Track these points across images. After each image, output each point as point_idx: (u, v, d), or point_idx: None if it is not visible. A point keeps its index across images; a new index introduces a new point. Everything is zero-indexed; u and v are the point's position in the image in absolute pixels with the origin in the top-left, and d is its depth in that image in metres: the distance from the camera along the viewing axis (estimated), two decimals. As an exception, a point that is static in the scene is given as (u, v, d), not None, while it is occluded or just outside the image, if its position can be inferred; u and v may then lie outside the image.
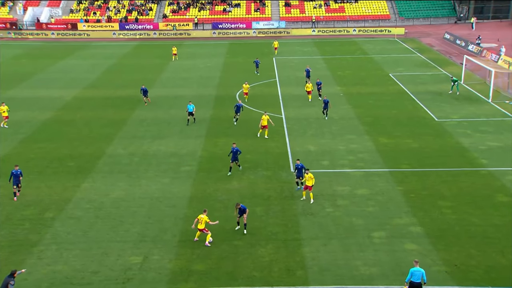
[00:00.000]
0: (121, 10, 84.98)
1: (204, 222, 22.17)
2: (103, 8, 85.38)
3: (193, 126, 37.28)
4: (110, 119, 38.69)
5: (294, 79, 50.74)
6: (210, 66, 57.80)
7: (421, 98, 43.08)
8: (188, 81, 50.99)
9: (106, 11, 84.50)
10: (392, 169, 29.45)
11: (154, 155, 32.08)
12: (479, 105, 41.04)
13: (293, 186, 27.47)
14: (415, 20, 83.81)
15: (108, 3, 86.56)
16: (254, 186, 27.57)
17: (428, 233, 22.71)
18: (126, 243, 22.40)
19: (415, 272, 18.41)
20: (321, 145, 33.33)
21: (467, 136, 34.36)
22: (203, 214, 22.41)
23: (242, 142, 33.89)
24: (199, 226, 22.26)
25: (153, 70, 55.83)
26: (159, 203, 25.92)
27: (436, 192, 26.55)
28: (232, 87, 47.80)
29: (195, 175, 29.06)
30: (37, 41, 76.39)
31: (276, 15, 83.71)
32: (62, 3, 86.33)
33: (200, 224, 22.22)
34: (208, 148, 32.82)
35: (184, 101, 43.76)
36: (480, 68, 49.03)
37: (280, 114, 39.76)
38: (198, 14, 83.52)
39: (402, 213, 24.52)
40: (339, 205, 25.41)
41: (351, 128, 36.31)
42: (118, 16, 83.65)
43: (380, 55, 61.50)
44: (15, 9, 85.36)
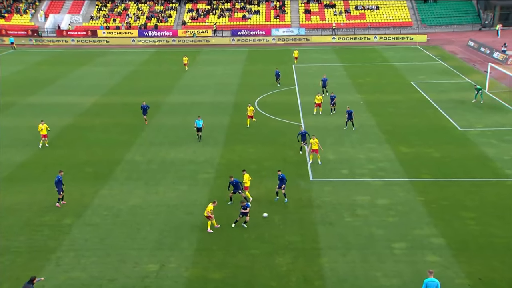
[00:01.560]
0: (141, 17, 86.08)
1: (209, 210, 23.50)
2: (123, 15, 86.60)
3: (211, 133, 37.47)
4: (129, 125, 39.14)
5: (313, 86, 50.69)
6: (229, 73, 58.08)
7: (443, 107, 42.70)
8: (206, 87, 51.30)
9: (125, 18, 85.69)
10: (413, 178, 29.21)
11: (171, 162, 32.31)
12: (504, 114, 40.51)
13: (311, 195, 27.41)
14: (438, 27, 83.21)
15: (127, 10, 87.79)
16: (272, 194, 27.57)
17: (450, 244, 22.45)
18: (143, 250, 22.58)
19: (429, 283, 18.21)
20: (340, 153, 33.23)
21: (491, 145, 33.93)
22: (212, 204, 23.81)
23: (260, 149, 33.98)
24: (205, 213, 23.85)
25: (171, 76, 56.35)
26: (176, 210, 26.09)
27: (458, 202, 26.25)
28: (251, 94, 47.96)
29: (213, 183, 29.18)
30: (57, 48, 77.75)
31: (296, 22, 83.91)
32: (83, 10, 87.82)
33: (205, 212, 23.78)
34: (226, 155, 32.94)
35: (202, 108, 44.10)
36: (505, 76, 48.45)
37: (299, 122, 39.75)
38: (217, 21, 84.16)
39: (423, 223, 24.29)
40: (358, 214, 25.28)
41: (371, 137, 36.13)
42: (137, 23, 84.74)
43: (401, 63, 61.16)
44: (36, 16, 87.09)
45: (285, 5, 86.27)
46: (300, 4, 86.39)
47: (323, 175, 29.96)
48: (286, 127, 38.62)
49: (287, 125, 39.10)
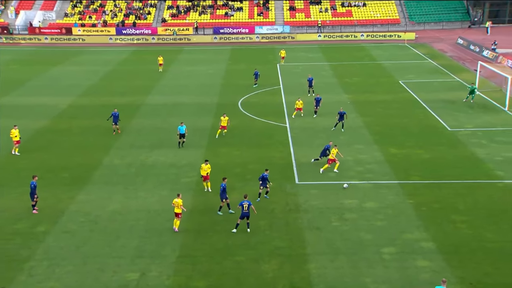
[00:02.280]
0: (118, 14, 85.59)
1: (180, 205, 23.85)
2: (99, 12, 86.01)
3: (194, 135, 37.37)
4: (107, 127, 38.86)
5: (299, 86, 50.85)
6: (212, 72, 58.02)
7: (433, 107, 43.14)
8: (188, 88, 51.18)
9: (102, 15, 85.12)
10: (403, 181, 29.44)
11: (152, 166, 32.15)
12: (494, 114, 41.05)
13: (298, 199, 27.48)
14: (426, 24, 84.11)
15: (104, 6, 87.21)
16: (256, 198, 27.53)
17: (441, 249, 22.66)
18: (123, 258, 22.41)
19: None
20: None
21: (482, 146, 34.35)
22: (178, 198, 24.06)
23: (245, 152, 33.98)
24: (175, 210, 23.94)
25: (151, 76, 56.10)
26: (158, 216, 25.95)
27: (449, 205, 26.51)
28: (234, 95, 47.95)
29: (195, 187, 29.10)
30: (29, 46, 76.93)
31: (280, 20, 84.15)
32: (56, 7, 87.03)
33: (177, 208, 23.91)
34: (210, 158, 32.83)
35: (184, 109, 43.97)
36: (495, 75, 49.10)
37: (285, 123, 39.84)
38: (199, 19, 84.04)
39: (413, 227, 24.49)
40: (346, 219, 25.40)
41: (359, 138, 36.35)
42: (115, 20, 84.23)
43: (390, 61, 61.68)
44: (6, 12, 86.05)
45: (269, 2, 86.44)
46: (285, 1, 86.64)
47: (310, 178, 30.06)
48: (271, 128, 38.69)
49: (272, 126, 39.17)
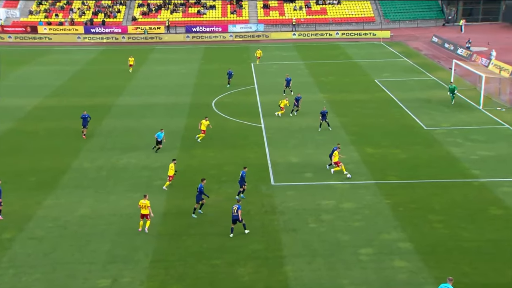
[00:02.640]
0: (86, 12, 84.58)
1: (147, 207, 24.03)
2: (66, 10, 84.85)
3: (167, 137, 37.10)
4: (76, 129, 38.34)
5: (274, 86, 51.01)
6: (184, 72, 57.78)
7: (409, 106, 43.72)
8: (160, 88, 50.86)
9: (69, 13, 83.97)
10: (380, 181, 29.75)
11: (124, 169, 31.85)
12: (469, 113, 41.81)
13: (274, 200, 27.54)
14: (401, 22, 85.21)
15: (71, 4, 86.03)
16: (232, 200, 27.50)
17: (418, 249, 22.95)
18: (94, 264, 22.14)
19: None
20: (304, 156, 33.52)
21: (458, 145, 34.95)
22: (144, 199, 24.24)
23: (219, 153, 33.92)
24: (142, 211, 24.15)
25: (122, 76, 55.57)
26: (130, 220, 25.71)
27: (426, 205, 26.89)
28: (208, 95, 47.84)
29: (169, 190, 28.93)
30: (-6, 45, 75.44)
31: (254, 18, 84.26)
32: (20, 4, 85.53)
33: (144, 209, 24.10)
34: (184, 160, 32.72)
35: (157, 110, 43.69)
36: (470, 73, 50.01)
37: (260, 124, 39.90)
38: (170, 17, 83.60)
39: (391, 228, 24.76)
40: (323, 220, 25.55)
41: (336, 138, 36.60)
42: (83, 18, 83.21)
43: (365, 60, 62.31)
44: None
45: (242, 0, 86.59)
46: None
47: (286, 179, 30.16)
48: (246, 129, 38.71)
49: (247, 127, 39.19)
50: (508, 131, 37.50)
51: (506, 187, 28.65)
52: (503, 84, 45.86)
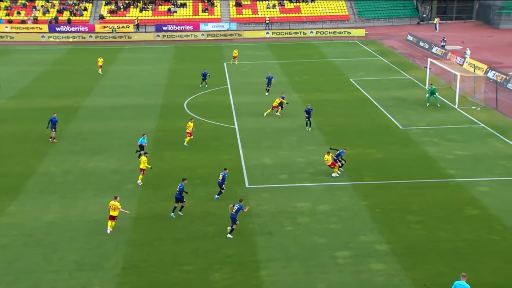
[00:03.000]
0: (51, 10, 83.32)
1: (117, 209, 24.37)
2: (29, 8, 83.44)
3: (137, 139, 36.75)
4: (41, 133, 37.72)
5: (247, 86, 51.02)
6: (155, 72, 57.40)
7: (385, 105, 44.19)
8: (129, 89, 50.42)
9: (32, 11, 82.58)
10: (356, 182, 29.99)
11: (92, 173, 31.47)
12: (445, 112, 42.46)
13: (248, 203, 27.52)
14: (376, 20, 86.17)
15: (34, 1, 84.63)
16: (205, 204, 27.44)
17: (395, 251, 23.19)
18: (61, 273, 21.80)
19: (458, 285, 18.69)
20: (278, 157, 33.59)
21: (434, 144, 35.45)
22: (115, 200, 24.51)
23: (192, 155, 33.77)
24: (111, 213, 24.37)
25: (89, 77, 54.91)
26: (99, 226, 25.40)
27: (403, 206, 27.19)
28: (179, 95, 47.59)
29: (140, 194, 28.67)
30: (-47, 45, 73.81)
31: (226, 16, 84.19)
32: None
33: (113, 211, 24.36)
34: (154, 163, 32.48)
35: (126, 111, 43.31)
36: (445, 72, 50.80)
37: (233, 125, 39.85)
38: (140, 15, 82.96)
39: (367, 230, 24.97)
40: (299, 223, 25.63)
41: (311, 139, 36.78)
42: (47, 16, 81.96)
43: (340, 59, 62.80)
44: None
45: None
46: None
47: (260, 181, 30.18)
48: (219, 130, 38.64)
49: (220, 128, 39.11)
50: (483, 130, 38.21)
51: (482, 187, 29.18)
52: (477, 83, 46.68)
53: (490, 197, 27.91)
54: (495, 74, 50.56)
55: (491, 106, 43.28)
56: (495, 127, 38.41)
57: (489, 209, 26.62)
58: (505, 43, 69.77)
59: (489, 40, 72.14)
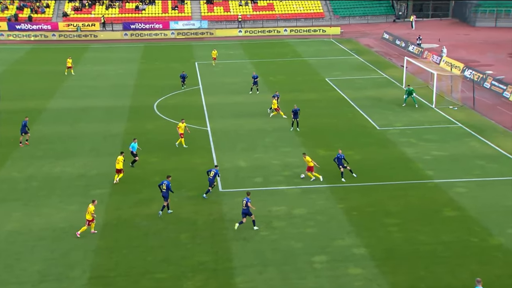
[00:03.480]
0: (10, 7, 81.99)
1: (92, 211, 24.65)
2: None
3: (105, 142, 36.49)
4: (2, 136, 37.05)
5: (220, 86, 50.99)
6: (123, 72, 56.97)
7: (361, 105, 44.61)
8: (96, 90, 49.96)
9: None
10: (333, 184, 30.19)
11: (57, 178, 31.08)
12: (422, 111, 43.05)
13: (222, 208, 27.47)
14: (351, 18, 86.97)
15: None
16: (178, 209, 27.32)
17: (373, 254, 23.41)
18: (24, 284, 21.46)
19: None
20: (253, 160, 33.63)
21: (411, 145, 35.91)
22: (92, 204, 24.78)
23: (163, 159, 33.61)
24: (87, 216, 24.71)
25: (53, 78, 54.20)
26: (65, 234, 25.08)
27: (380, 208, 27.47)
28: (149, 97, 47.30)
29: (108, 199, 28.42)
30: None
31: (197, 14, 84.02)
32: None
33: (88, 215, 24.68)
34: (124, 167, 32.20)
35: (94, 114, 42.92)
36: (421, 71, 51.53)
37: (205, 127, 39.77)
38: (106, 13, 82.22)
39: (345, 233, 25.16)
40: (275, 227, 25.69)
41: (286, 140, 36.91)
42: (5, 14, 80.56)
43: (315, 58, 63.18)
44: None
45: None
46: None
47: (234, 185, 30.17)
48: (192, 133, 38.50)
49: (192, 131, 38.98)
50: (461, 130, 38.86)
51: (459, 188, 29.66)
52: (455, 82, 47.40)
53: (468, 198, 28.39)
54: (472, 73, 51.46)
55: (468, 105, 44.05)
56: (472, 127, 39.10)
57: (467, 211, 27.07)
58: (482, 41, 71.13)
59: (466, 38, 73.47)
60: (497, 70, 54.72)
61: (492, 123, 40.04)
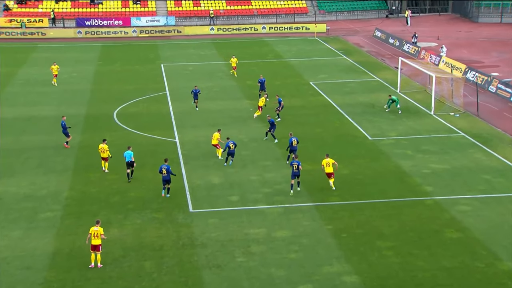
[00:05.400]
0: None
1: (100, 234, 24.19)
2: None
3: (56, 157, 36.17)
4: None
5: (189, 91, 50.92)
6: (77, 76, 56.70)
7: (350, 112, 44.92)
8: (46, 96, 49.61)
9: None
10: (319, 203, 30.27)
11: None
12: (419, 119, 43.49)
13: (192, 230, 27.38)
14: (338, 14, 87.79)
15: None
16: (141, 233, 27.16)
17: (366, 282, 23.48)
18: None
19: None
20: (227, 175, 33.61)
21: (407, 157, 36.22)
22: (97, 226, 24.39)
23: (124, 175, 33.39)
24: (94, 241, 24.15)
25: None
26: (7, 265, 24.75)
27: (373, 229, 27.61)
28: (108, 104, 47.05)
29: (59, 224, 28.14)
30: None
31: (162, 9, 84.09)
32: None
33: (96, 239, 24.12)
34: (78, 186, 31.98)
35: (43, 124, 42.57)
36: (418, 73, 52.10)
37: (173, 138, 39.67)
38: (56, 7, 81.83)
39: (333, 258, 25.22)
40: (253, 252, 25.66)
41: (266, 153, 36.97)
42: None
43: (298, 59, 63.55)
44: None
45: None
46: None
47: (207, 204, 30.11)
48: (157, 145, 38.40)
49: (157, 142, 38.87)
50: (463, 139, 39.32)
51: (463, 205, 29.94)
52: (456, 85, 47.87)
53: (472, 218, 28.66)
54: (475, 75, 52.18)
55: (471, 111, 44.61)
56: (477, 136, 39.60)
57: (472, 232, 27.32)
58: (485, 39, 72.23)
59: (468, 36, 74.60)
60: (503, 72, 55.60)
61: (499, 132, 40.60)
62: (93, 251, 24.39)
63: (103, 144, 33.88)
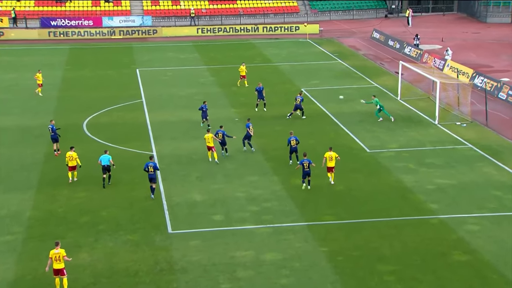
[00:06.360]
0: None
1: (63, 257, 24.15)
2: None
3: (18, 173, 35.98)
4: None
5: (168, 99, 50.96)
6: (42, 82, 56.38)
7: (346, 121, 45.03)
8: (6, 105, 49.47)
9: None
10: (312, 222, 30.26)
11: (-45, 220, 30.54)
12: (423, 129, 43.66)
13: (171, 254, 27.28)
14: (332, 13, 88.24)
15: None
16: (113, 257, 27.02)
17: (365, 310, 23.51)
18: None
19: None
20: (211, 192, 33.55)
21: (410, 171, 36.32)
22: (57, 248, 24.18)
23: (94, 193, 33.32)
24: (56, 265, 23.94)
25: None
26: (-36, 294, 24.56)
27: (372, 251, 27.61)
28: (77, 113, 46.91)
29: (21, 248, 27.93)
30: None
31: (137, 8, 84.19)
32: None
33: (58, 263, 23.99)
34: (42, 205, 31.80)
35: (3, 135, 42.31)
36: (421, 79, 52.35)
37: (150, 151, 39.60)
38: (17, 5, 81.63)
39: (328, 284, 25.19)
40: (239, 278, 25.59)
41: (253, 167, 36.96)
42: None
43: (288, 63, 63.73)
44: None
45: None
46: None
47: (188, 224, 30.03)
48: (132, 158, 38.28)
49: (133, 156, 38.77)
50: (471, 151, 39.50)
51: (471, 225, 30.02)
52: (462, 92, 48.07)
53: (482, 239, 28.73)
54: (483, 81, 52.49)
55: (480, 121, 44.84)
56: (486, 148, 39.79)
57: (481, 254, 27.37)
58: (494, 40, 72.80)
59: (475, 37, 75.17)
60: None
61: (510, 143, 40.82)
62: (57, 275, 24.14)
63: (71, 151, 34.41)
